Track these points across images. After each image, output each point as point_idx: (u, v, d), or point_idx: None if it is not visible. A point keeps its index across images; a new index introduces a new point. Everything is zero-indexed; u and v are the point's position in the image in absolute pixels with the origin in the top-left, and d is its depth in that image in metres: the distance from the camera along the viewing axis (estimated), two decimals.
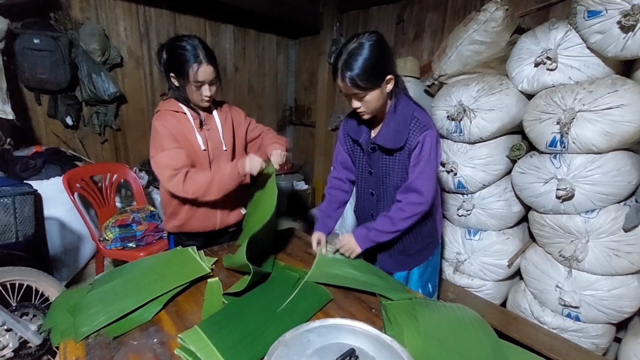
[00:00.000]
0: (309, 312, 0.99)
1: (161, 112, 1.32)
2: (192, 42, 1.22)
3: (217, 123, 1.39)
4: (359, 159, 1.30)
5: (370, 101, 1.08)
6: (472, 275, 1.93)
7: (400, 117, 1.13)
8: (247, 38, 3.60)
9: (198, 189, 1.26)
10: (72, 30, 2.41)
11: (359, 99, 1.07)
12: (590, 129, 1.36)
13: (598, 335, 1.55)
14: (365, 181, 1.32)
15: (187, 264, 1.19)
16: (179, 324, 0.93)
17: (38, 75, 2.25)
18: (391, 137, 1.13)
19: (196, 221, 1.42)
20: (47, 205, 2.00)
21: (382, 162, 1.21)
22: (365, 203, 1.36)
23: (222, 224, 1.48)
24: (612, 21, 1.26)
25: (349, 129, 1.28)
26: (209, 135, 1.37)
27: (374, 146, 1.19)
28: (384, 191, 1.27)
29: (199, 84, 1.24)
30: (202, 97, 1.28)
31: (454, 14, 2.52)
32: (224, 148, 1.40)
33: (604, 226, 1.43)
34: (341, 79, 1.03)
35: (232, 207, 1.48)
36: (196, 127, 1.33)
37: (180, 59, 1.21)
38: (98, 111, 2.66)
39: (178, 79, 1.26)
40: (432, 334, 0.88)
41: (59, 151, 2.31)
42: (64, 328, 0.92)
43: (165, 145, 1.26)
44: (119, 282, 1.06)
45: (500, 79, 1.70)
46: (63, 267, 2.18)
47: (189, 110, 1.32)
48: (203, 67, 1.22)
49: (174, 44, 1.23)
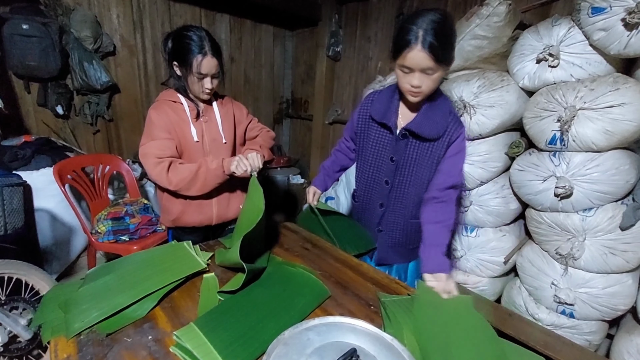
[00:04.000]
0: (307, 309, 0.97)
1: (159, 102, 1.30)
2: (199, 33, 1.21)
3: (216, 115, 1.37)
4: (376, 144, 1.20)
5: (435, 80, 0.98)
6: (468, 272, 1.93)
7: (440, 107, 1.09)
8: (243, 28, 3.53)
9: (181, 179, 1.24)
10: (62, 16, 2.34)
11: (426, 74, 0.96)
12: (591, 127, 1.36)
13: (591, 332, 1.57)
14: (380, 168, 1.22)
15: (182, 258, 1.16)
16: (174, 320, 0.91)
17: (27, 63, 2.18)
18: (429, 125, 1.08)
19: (190, 216, 1.40)
20: (37, 197, 1.96)
21: (411, 149, 1.14)
22: (374, 191, 1.27)
23: (219, 219, 1.46)
24: (616, 18, 1.25)
25: (373, 111, 1.17)
26: (206, 127, 1.35)
27: (406, 132, 1.12)
28: (400, 181, 1.19)
29: (201, 75, 1.22)
30: (203, 89, 1.26)
31: (455, 8, 2.49)
32: (223, 141, 1.38)
33: (601, 224, 1.43)
34: (421, 47, 0.91)
35: (229, 201, 1.45)
36: (192, 118, 1.31)
37: (185, 48, 1.20)
38: (90, 101, 2.59)
39: (181, 68, 1.24)
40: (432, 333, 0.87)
41: (49, 141, 2.25)
42: (54, 324, 0.89)
43: (155, 135, 1.25)
44: (112, 277, 1.03)
45: (501, 75, 1.68)
46: (54, 259, 2.14)
47: (187, 100, 1.31)
48: (207, 59, 1.20)
49: (180, 33, 1.22)
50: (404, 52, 0.95)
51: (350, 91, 3.47)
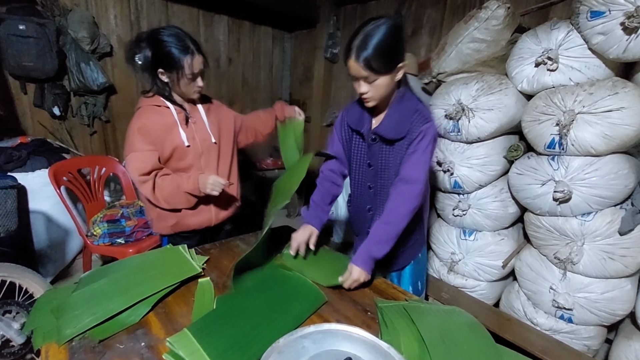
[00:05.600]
0: (304, 315, 0.96)
1: (142, 108, 1.26)
2: (175, 33, 1.17)
3: (202, 115, 1.35)
4: (357, 151, 1.25)
5: (380, 87, 1.03)
6: (466, 276, 1.92)
7: (404, 108, 1.11)
8: (241, 30, 3.53)
9: (167, 195, 1.24)
10: (59, 16, 2.32)
11: (368, 82, 1.02)
12: (590, 131, 1.35)
13: (590, 337, 1.56)
14: (362, 174, 1.27)
15: (177, 263, 1.15)
16: (167, 326, 0.90)
17: (24, 63, 2.16)
18: (393, 126, 1.10)
19: (189, 218, 1.38)
20: (33, 199, 1.94)
21: (381, 153, 1.17)
22: (361, 197, 1.31)
23: (218, 219, 1.44)
24: (615, 22, 1.25)
25: (349, 119, 1.22)
26: (196, 128, 1.32)
27: (375, 137, 1.15)
28: (382, 185, 1.22)
29: (193, 76, 1.20)
30: (195, 89, 1.24)
31: (453, 11, 2.49)
32: (212, 140, 1.35)
33: (599, 229, 1.42)
34: (355, 59, 0.98)
35: (227, 201, 1.44)
36: (180, 122, 1.27)
37: (170, 52, 1.16)
38: (87, 102, 2.57)
39: (168, 74, 1.20)
40: (429, 340, 0.86)
41: (45, 142, 2.23)
42: (46, 330, 0.87)
43: (137, 146, 1.21)
44: (106, 281, 1.01)
45: (500, 79, 1.68)
46: (49, 262, 2.12)
47: (174, 106, 1.27)
48: (196, 58, 1.18)
49: (155, 38, 1.17)
50: (346, 62, 1.02)
51: (347, 93, 3.47)
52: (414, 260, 1.37)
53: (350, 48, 0.99)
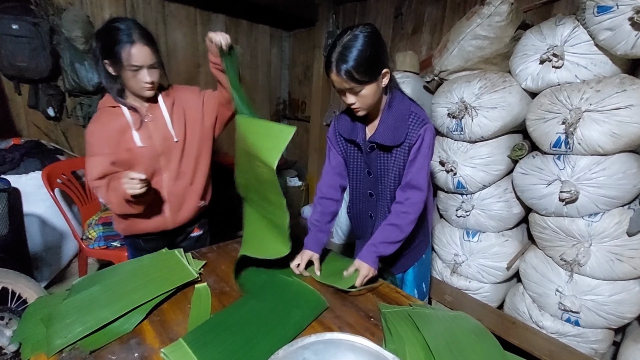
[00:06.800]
0: (304, 322, 0.93)
1: (99, 111, 1.21)
2: (126, 23, 1.10)
3: (163, 112, 1.24)
4: (354, 160, 1.23)
5: (366, 96, 1.01)
6: (469, 277, 1.89)
7: (397, 112, 1.09)
8: (239, 29, 3.48)
9: (120, 203, 1.17)
10: (53, 16, 2.27)
11: (354, 93, 1.01)
12: (597, 129, 1.31)
13: (597, 341, 1.53)
14: (362, 182, 1.25)
15: (173, 268, 1.11)
16: (162, 335, 0.86)
17: (17, 63, 2.12)
18: (390, 133, 1.08)
19: (141, 222, 1.30)
20: (27, 202, 1.90)
21: (380, 161, 1.16)
22: (362, 204, 1.30)
23: (176, 223, 1.35)
24: (623, 17, 1.21)
25: (341, 129, 1.20)
26: (154, 126, 1.23)
27: (372, 145, 1.13)
28: (382, 191, 1.21)
29: (134, 68, 1.10)
30: (142, 85, 1.14)
31: (454, 8, 2.45)
32: (174, 139, 1.26)
33: (607, 230, 1.39)
34: (336, 72, 0.97)
35: (183, 201, 1.34)
36: (133, 123, 1.19)
37: (112, 40, 1.08)
38: (82, 102, 2.52)
39: (113, 66, 1.12)
40: (435, 348, 0.82)
41: (39, 144, 2.19)
42: (36, 340, 0.84)
43: (89, 151, 1.18)
44: (98, 288, 0.98)
45: (503, 76, 1.64)
46: (44, 266, 2.08)
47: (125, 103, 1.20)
48: (137, 47, 1.08)
49: (106, 26, 1.11)
50: (329, 76, 1.00)
51: None
52: (418, 262, 1.35)
53: (330, 62, 0.97)
